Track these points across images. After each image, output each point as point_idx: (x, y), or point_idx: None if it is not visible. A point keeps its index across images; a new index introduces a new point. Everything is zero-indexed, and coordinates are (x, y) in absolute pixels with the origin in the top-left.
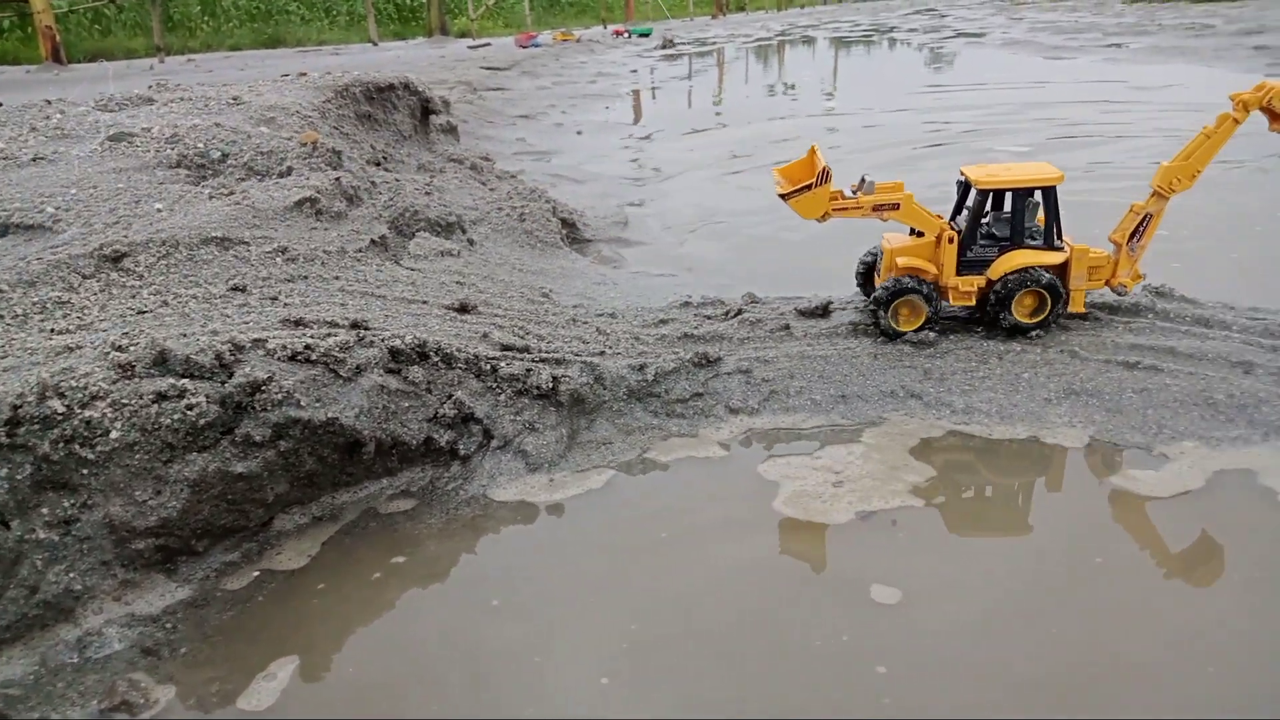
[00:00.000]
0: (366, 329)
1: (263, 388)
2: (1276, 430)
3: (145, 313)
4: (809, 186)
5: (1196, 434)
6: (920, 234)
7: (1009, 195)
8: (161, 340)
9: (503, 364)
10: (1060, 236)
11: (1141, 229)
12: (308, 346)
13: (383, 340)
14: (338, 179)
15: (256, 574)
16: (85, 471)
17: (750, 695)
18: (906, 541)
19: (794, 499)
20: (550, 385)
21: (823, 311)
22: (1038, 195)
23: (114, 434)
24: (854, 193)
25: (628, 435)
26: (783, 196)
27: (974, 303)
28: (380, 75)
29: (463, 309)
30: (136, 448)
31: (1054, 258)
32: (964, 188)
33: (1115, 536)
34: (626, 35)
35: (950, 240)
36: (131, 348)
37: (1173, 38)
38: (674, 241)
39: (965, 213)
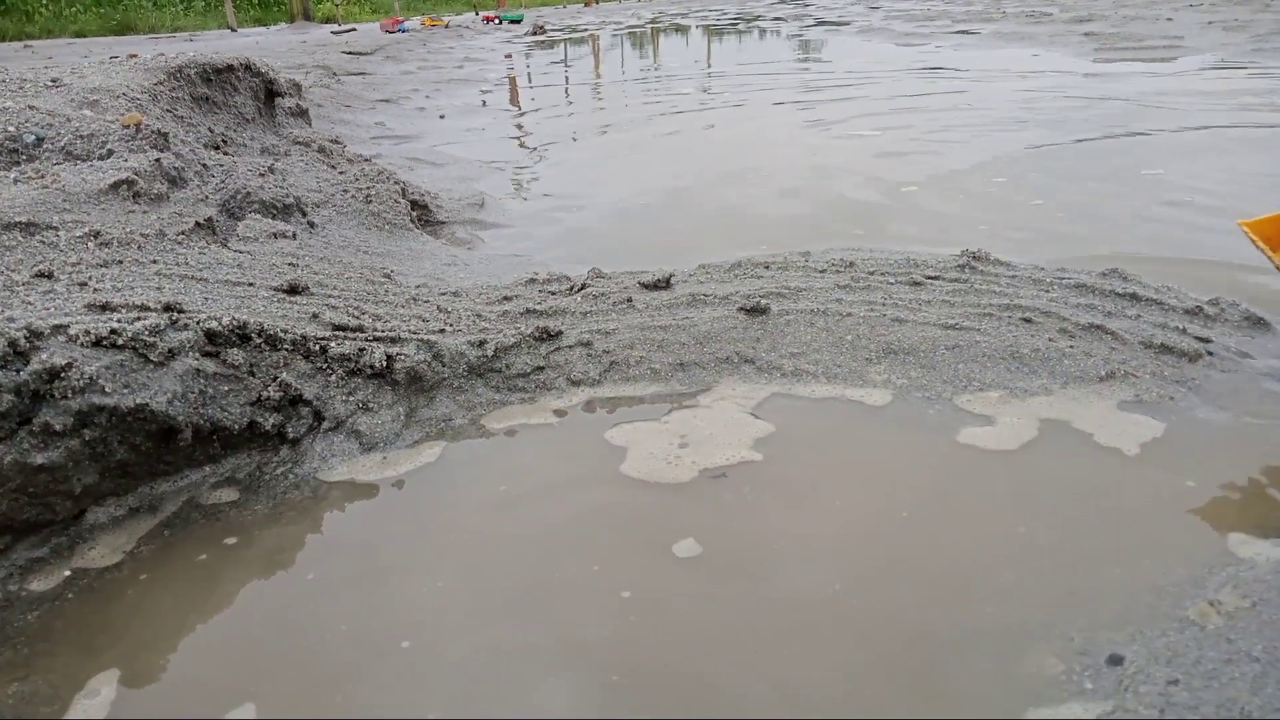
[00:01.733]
0: (181, 312)
1: (62, 374)
2: (1075, 379)
3: None
4: None
5: (1002, 384)
6: None
7: None
8: None
9: (333, 344)
10: None
11: None
12: (114, 331)
13: (198, 323)
14: (158, 160)
15: (67, 572)
16: None
17: (534, 641)
18: (729, 498)
19: (638, 461)
20: (384, 364)
21: (665, 284)
22: None
23: None
24: None
25: (468, 410)
26: None
27: None
28: (218, 56)
29: (292, 290)
30: None
31: None
32: None
33: (920, 485)
34: (497, 21)
35: None
36: None
37: (1014, 24)
38: (530, 222)
39: None
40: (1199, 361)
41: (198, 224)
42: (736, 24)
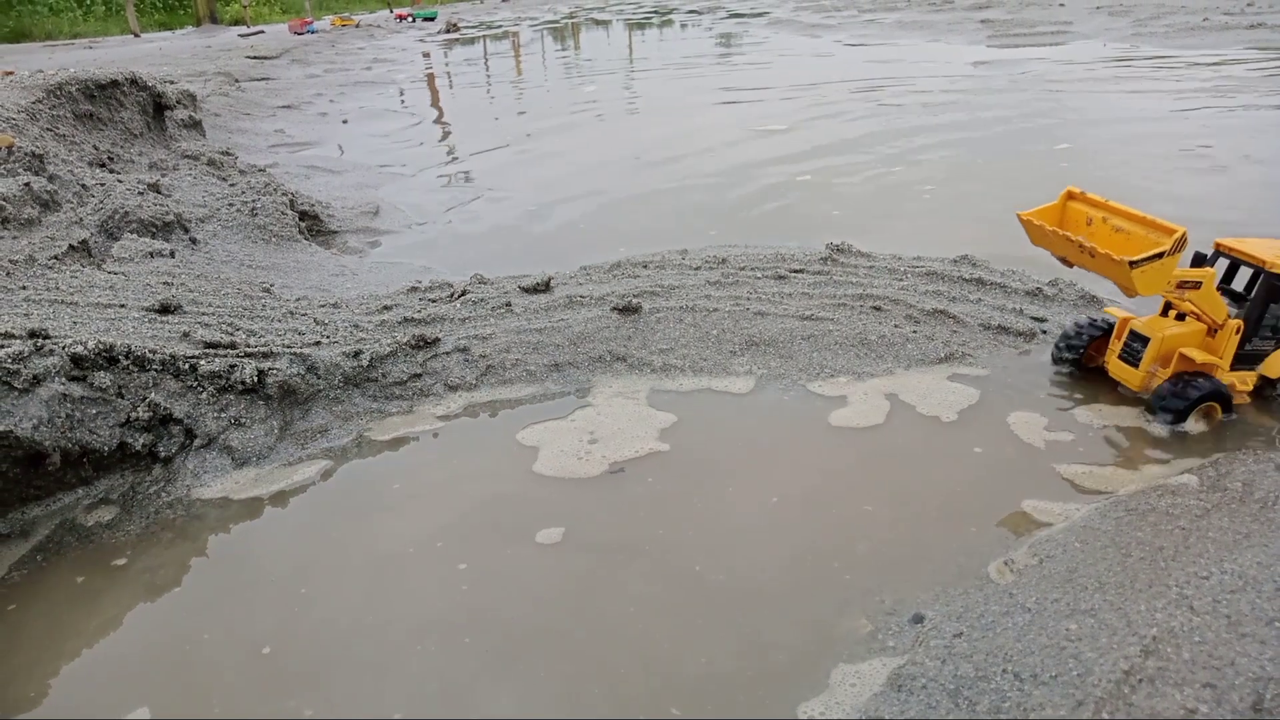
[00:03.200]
0: (47, 338)
1: None
2: (917, 362)
3: None
4: (1159, 255)
5: (850, 370)
6: (1181, 315)
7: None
8: None
9: (203, 362)
10: None
11: None
12: None
13: (64, 348)
14: (28, 185)
15: None
16: None
17: (392, 620)
18: (609, 491)
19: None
20: (256, 379)
21: (545, 287)
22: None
23: None
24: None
25: (345, 421)
26: (1132, 264)
27: (1248, 400)
28: (101, 72)
29: (164, 309)
30: None
31: None
32: (1210, 261)
33: (771, 462)
34: (410, 20)
35: (1237, 331)
36: None
37: (916, 13)
38: (426, 228)
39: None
40: (1033, 340)
41: (71, 247)
42: (651, 18)
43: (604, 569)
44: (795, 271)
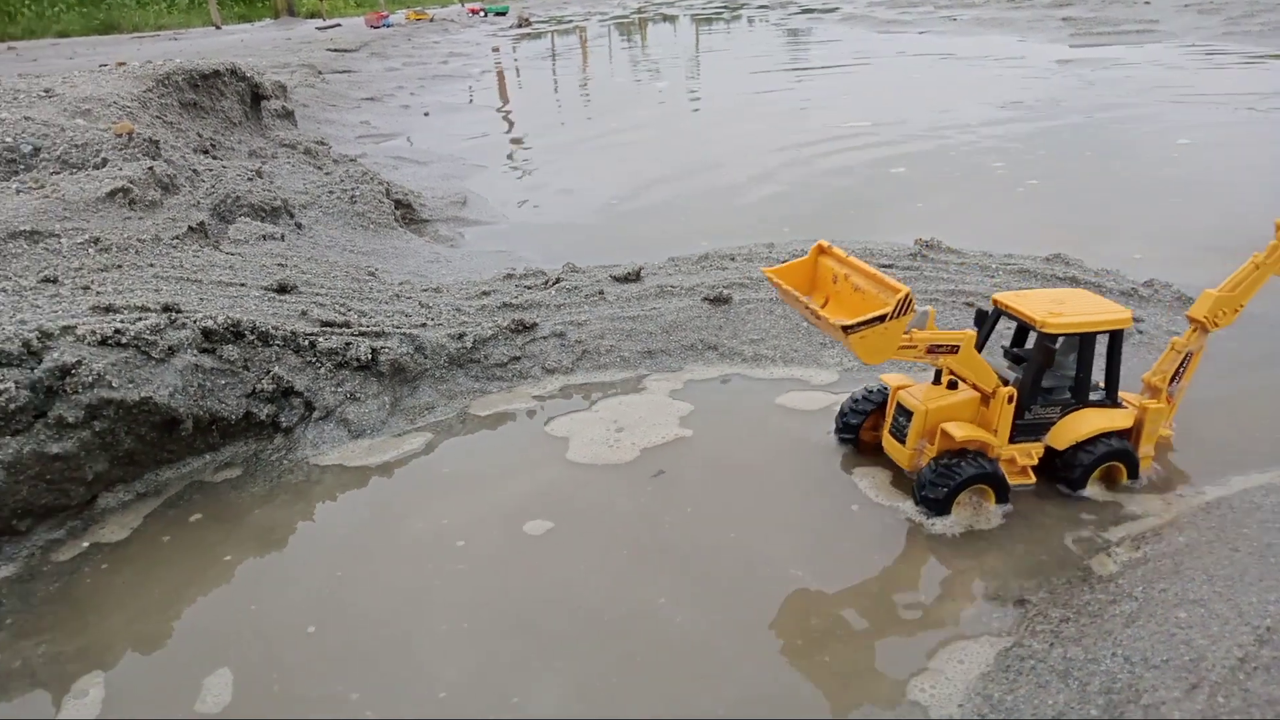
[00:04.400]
0: (179, 312)
1: (72, 371)
2: None
3: None
4: (881, 319)
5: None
6: (954, 383)
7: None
8: None
9: (321, 339)
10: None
11: (1182, 369)
12: (118, 331)
13: (195, 322)
14: (151, 168)
15: (84, 547)
16: None
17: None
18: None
19: (583, 446)
20: (370, 356)
21: (635, 277)
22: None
23: None
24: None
25: (450, 399)
26: (846, 329)
27: (1033, 480)
28: (205, 62)
29: (282, 289)
30: None
31: (1125, 418)
32: (993, 321)
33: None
34: (482, 14)
35: (1010, 400)
36: None
37: (994, 10)
38: (512, 218)
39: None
40: (1129, 341)
41: (191, 228)
42: (722, 13)
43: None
44: (884, 266)
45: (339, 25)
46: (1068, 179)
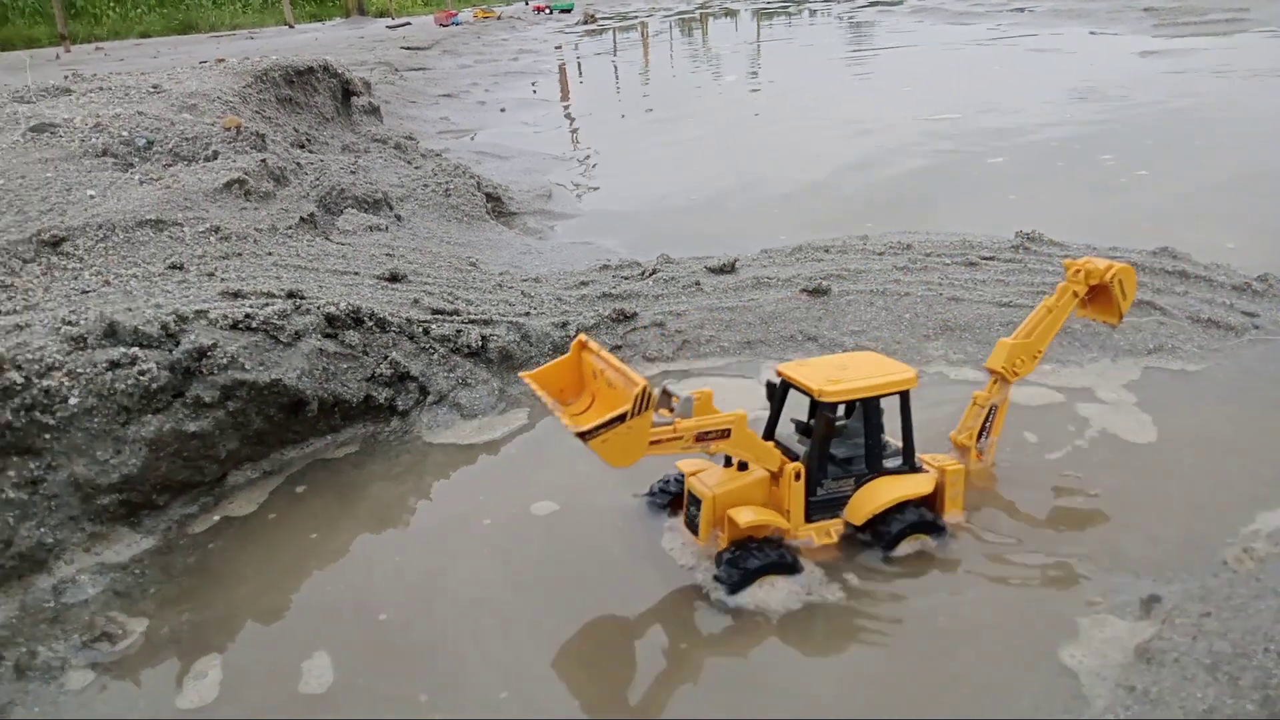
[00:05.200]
0: (302, 298)
1: (208, 353)
2: (1124, 352)
3: (89, 292)
4: (621, 418)
5: (1052, 357)
6: (745, 464)
7: (851, 405)
8: (109, 314)
9: (434, 326)
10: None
11: (989, 424)
12: (248, 315)
13: (318, 308)
14: (264, 161)
15: (215, 520)
16: (47, 436)
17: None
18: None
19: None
20: (480, 344)
21: (730, 268)
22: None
23: (72, 400)
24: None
25: None
26: (582, 436)
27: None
28: (299, 59)
29: (393, 278)
30: (94, 412)
31: (924, 484)
32: (782, 393)
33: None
34: (548, 11)
35: (797, 477)
36: (81, 321)
37: (1071, 1)
38: (597, 211)
39: (779, 430)
40: (1244, 334)
41: (302, 219)
42: (786, 6)
43: None
44: (986, 259)
45: (409, 24)
46: (1177, 170)
